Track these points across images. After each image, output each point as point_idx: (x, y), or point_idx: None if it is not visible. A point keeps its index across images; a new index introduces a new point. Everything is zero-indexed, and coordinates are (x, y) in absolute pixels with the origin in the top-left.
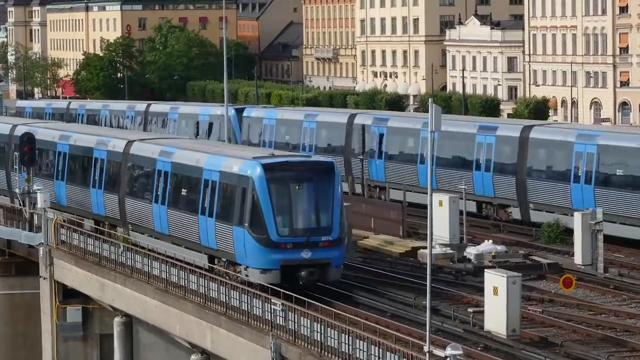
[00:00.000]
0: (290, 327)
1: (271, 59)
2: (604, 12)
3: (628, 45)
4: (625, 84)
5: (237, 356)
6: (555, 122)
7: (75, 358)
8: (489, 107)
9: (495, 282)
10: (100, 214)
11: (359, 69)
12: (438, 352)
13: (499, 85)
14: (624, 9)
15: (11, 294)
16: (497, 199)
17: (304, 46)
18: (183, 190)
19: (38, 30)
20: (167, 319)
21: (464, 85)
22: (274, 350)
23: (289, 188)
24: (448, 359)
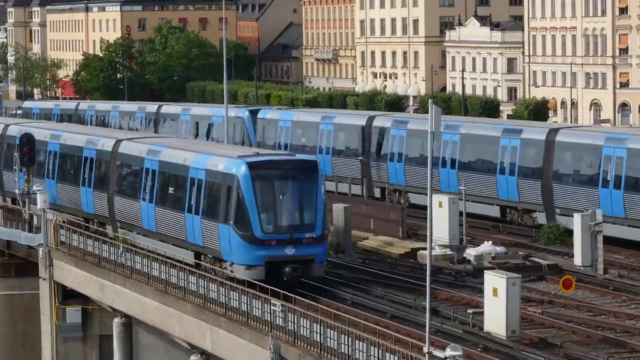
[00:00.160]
0: (290, 327)
1: (271, 59)
2: (603, 13)
3: (628, 47)
4: (625, 85)
5: (237, 357)
6: (574, 125)
7: (75, 359)
8: (488, 108)
9: (495, 283)
10: (90, 212)
11: (358, 70)
12: (437, 353)
13: (499, 86)
14: (623, 10)
15: (11, 294)
16: (521, 204)
17: (304, 47)
18: (170, 188)
19: (38, 30)
20: (167, 320)
21: (463, 86)
22: (274, 351)
23: (273, 186)
24: (447, 359)
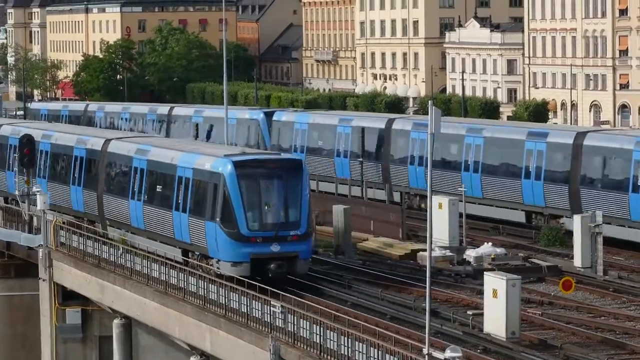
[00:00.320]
0: (290, 329)
1: (271, 61)
2: (603, 14)
3: (628, 48)
4: (624, 86)
5: (237, 358)
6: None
7: None
8: (488, 109)
9: (495, 285)
10: (80, 211)
11: (358, 71)
12: (437, 354)
13: (499, 87)
14: (623, 12)
15: (10, 295)
16: (548, 209)
17: (304, 48)
18: (158, 187)
19: (38, 31)
20: (167, 321)
21: (463, 87)
22: (274, 352)
23: (258, 184)
24: None
